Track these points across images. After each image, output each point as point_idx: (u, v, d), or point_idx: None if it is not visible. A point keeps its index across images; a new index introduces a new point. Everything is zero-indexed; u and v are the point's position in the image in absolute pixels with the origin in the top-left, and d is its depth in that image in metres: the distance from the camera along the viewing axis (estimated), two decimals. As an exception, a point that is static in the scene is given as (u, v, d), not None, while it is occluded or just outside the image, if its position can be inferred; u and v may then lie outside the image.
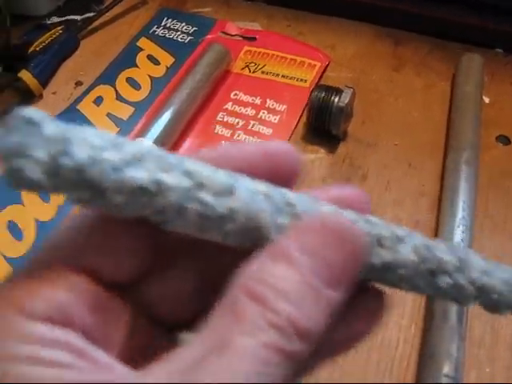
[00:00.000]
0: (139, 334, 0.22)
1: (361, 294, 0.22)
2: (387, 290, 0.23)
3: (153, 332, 0.23)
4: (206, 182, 0.20)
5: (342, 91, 0.52)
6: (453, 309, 0.41)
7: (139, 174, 0.19)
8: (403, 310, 0.44)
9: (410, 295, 0.45)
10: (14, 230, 0.48)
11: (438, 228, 0.47)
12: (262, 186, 0.21)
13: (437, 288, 0.22)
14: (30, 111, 0.18)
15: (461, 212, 0.46)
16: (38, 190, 0.18)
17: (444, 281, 0.22)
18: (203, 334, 0.18)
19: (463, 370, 0.40)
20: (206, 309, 0.19)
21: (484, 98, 0.57)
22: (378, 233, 0.22)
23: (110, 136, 0.19)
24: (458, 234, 0.45)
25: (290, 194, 0.21)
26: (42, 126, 0.18)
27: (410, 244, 0.22)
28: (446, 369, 0.39)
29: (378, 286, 0.23)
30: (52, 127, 0.18)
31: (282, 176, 0.23)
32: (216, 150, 0.23)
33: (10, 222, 0.48)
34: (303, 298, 0.19)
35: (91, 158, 0.18)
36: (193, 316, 0.24)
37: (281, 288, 0.19)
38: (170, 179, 0.19)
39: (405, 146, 0.54)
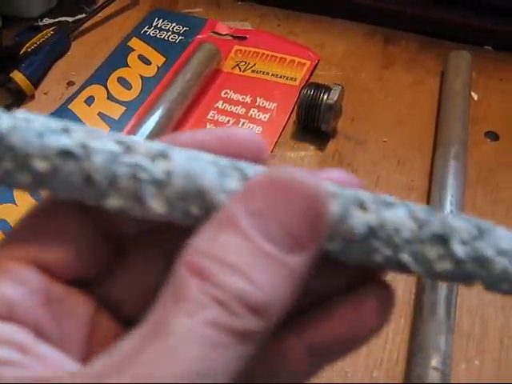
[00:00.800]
0: (105, 332, 0.21)
1: (365, 286, 0.20)
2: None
3: (122, 332, 0.21)
4: (137, 147, 0.18)
5: (331, 89, 0.52)
6: (441, 301, 0.42)
7: (64, 140, 0.18)
8: (392, 304, 0.45)
9: (399, 287, 0.45)
10: (6, 229, 0.48)
11: (427, 223, 0.47)
12: (203, 155, 0.19)
13: (453, 260, 0.18)
14: None
15: (449, 207, 0.47)
16: None
17: (461, 250, 0.18)
18: (143, 321, 0.16)
19: (452, 363, 0.40)
20: None
21: (472, 94, 0.57)
22: (357, 196, 0.18)
23: (43, 117, 0.18)
24: (446, 229, 0.45)
25: (238, 162, 0.19)
26: None
27: (401, 208, 0.18)
28: (434, 362, 0.39)
29: (383, 276, 0.21)
30: None
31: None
32: (164, 138, 0.20)
33: (2, 221, 0.48)
34: (253, 267, 0.16)
35: (13, 127, 0.18)
36: None
37: (226, 259, 0.16)
38: (97, 144, 0.18)
39: (394, 142, 0.54)
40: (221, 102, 0.57)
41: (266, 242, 0.17)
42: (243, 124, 0.55)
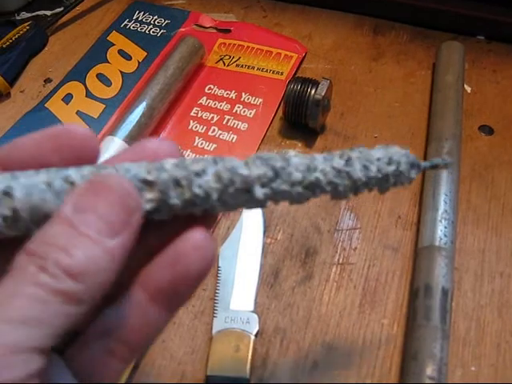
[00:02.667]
0: None
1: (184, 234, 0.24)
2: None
3: None
4: None
5: (319, 83, 0.50)
6: (436, 306, 0.40)
7: None
8: (385, 308, 0.43)
9: (391, 293, 0.43)
10: None
11: (420, 222, 0.46)
12: (42, 176, 0.23)
13: (255, 201, 0.24)
14: None
15: (443, 205, 0.45)
16: None
17: (260, 192, 0.24)
18: None
19: (448, 370, 0.39)
20: None
21: (466, 86, 0.55)
22: (172, 175, 0.23)
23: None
24: (440, 229, 0.44)
25: (71, 173, 0.23)
26: None
27: (210, 173, 0.23)
28: (429, 370, 0.37)
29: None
30: None
31: (77, 155, 0.25)
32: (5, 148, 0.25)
33: None
34: (74, 246, 0.21)
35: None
36: None
37: (54, 242, 0.21)
38: None
39: (385, 138, 0.52)
40: (204, 98, 0.55)
41: (87, 229, 0.21)
42: (228, 121, 0.53)
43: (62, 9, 0.64)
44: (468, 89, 0.55)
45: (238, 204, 0.24)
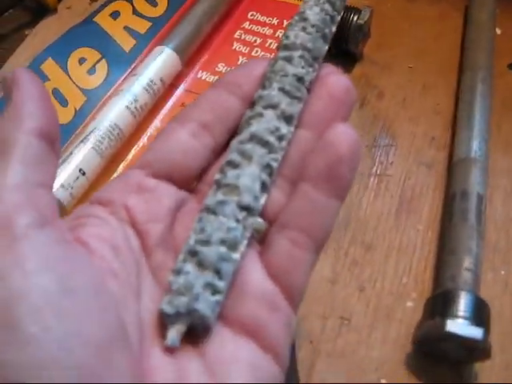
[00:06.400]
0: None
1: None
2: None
3: None
4: None
5: (361, 10, 0.52)
6: (472, 208, 0.42)
7: None
8: (420, 216, 0.45)
9: (426, 203, 0.46)
10: None
11: (455, 140, 0.48)
12: None
13: None
14: None
15: (477, 125, 0.47)
16: None
17: None
18: None
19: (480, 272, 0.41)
20: None
21: (496, 29, 0.57)
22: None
23: None
24: (475, 144, 0.46)
25: None
26: None
27: None
28: (467, 263, 0.40)
29: None
30: None
31: None
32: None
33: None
34: None
35: None
36: None
37: None
38: None
39: (419, 68, 0.55)
40: (247, 22, 0.56)
41: None
42: (270, 44, 0.55)
43: None
44: (498, 31, 0.58)
45: None
